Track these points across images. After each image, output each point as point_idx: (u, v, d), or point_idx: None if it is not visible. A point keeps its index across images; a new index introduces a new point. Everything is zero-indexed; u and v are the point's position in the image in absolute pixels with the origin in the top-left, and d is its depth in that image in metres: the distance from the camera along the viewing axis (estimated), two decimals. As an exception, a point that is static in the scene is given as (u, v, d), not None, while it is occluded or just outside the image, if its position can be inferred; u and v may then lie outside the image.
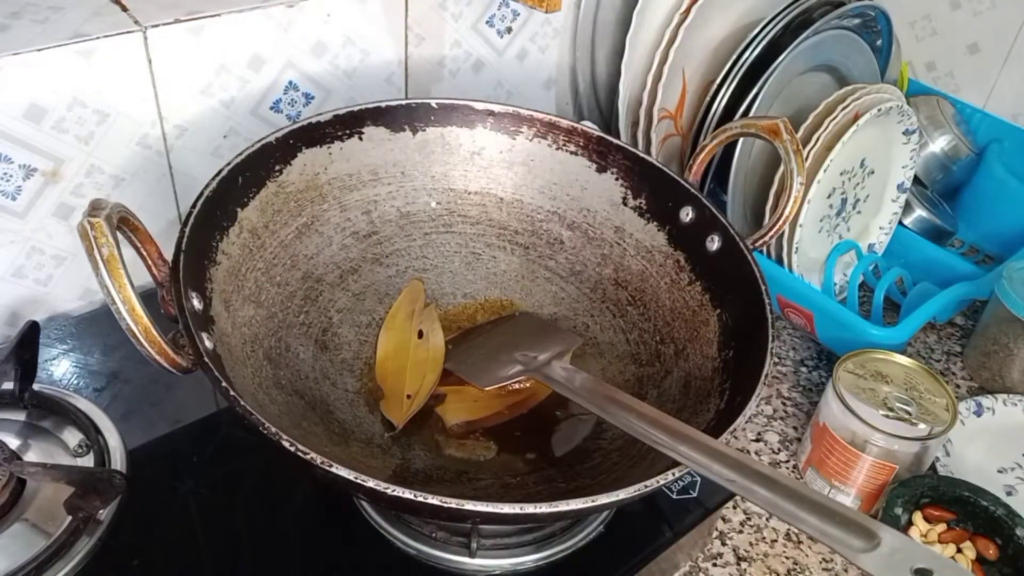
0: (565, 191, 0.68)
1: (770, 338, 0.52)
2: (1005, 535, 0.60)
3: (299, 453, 0.40)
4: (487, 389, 0.58)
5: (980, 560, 0.61)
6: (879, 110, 0.77)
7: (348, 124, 0.63)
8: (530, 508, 0.41)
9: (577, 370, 0.57)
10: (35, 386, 0.57)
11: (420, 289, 0.65)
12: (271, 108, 0.71)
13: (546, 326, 0.65)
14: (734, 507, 0.65)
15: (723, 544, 0.63)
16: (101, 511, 0.51)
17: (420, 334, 0.62)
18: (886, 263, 0.87)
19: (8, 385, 0.56)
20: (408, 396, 0.58)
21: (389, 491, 0.40)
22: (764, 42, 0.78)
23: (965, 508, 0.62)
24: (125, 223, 0.47)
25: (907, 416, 0.63)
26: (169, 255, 0.49)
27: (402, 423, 0.56)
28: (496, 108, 0.66)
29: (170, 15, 0.63)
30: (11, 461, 0.51)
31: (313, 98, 0.74)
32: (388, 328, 0.63)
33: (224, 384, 0.43)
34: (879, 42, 0.91)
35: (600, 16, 0.88)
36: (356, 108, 0.63)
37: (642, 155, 0.65)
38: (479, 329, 0.66)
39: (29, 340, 0.56)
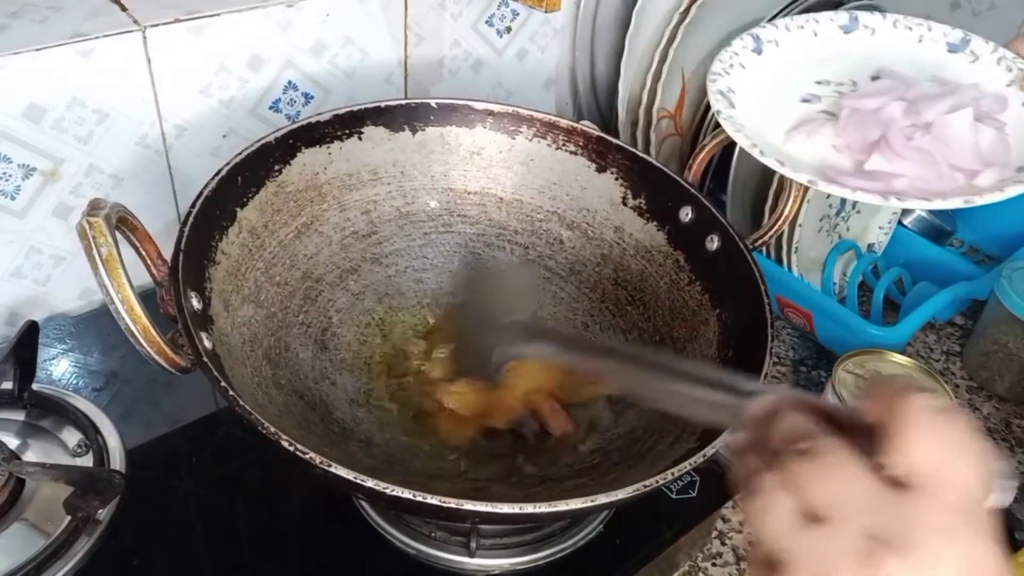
0: (565, 191, 0.68)
1: (769, 338, 0.52)
2: (1004, 537, 0.60)
3: (298, 453, 0.40)
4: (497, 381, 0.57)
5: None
6: (879, 110, 0.77)
7: (347, 124, 0.63)
8: (529, 508, 0.41)
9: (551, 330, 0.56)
10: (34, 386, 0.57)
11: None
12: (270, 108, 0.71)
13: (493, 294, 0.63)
14: (733, 507, 0.65)
15: (722, 544, 0.63)
16: (100, 511, 0.51)
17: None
18: (885, 263, 0.87)
19: (7, 385, 0.56)
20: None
21: (388, 491, 0.40)
22: (764, 42, 0.78)
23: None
24: (124, 223, 0.47)
25: (906, 416, 0.63)
26: (168, 255, 0.49)
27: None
28: (496, 108, 0.66)
29: (169, 14, 0.62)
30: (10, 461, 0.51)
31: (312, 98, 0.74)
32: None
33: (223, 384, 0.43)
34: (879, 42, 0.91)
35: (600, 15, 0.88)
36: (356, 108, 0.63)
37: (642, 155, 0.65)
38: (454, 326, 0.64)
39: (28, 340, 0.56)
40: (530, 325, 0.56)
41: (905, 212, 0.91)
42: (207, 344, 0.47)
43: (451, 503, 0.40)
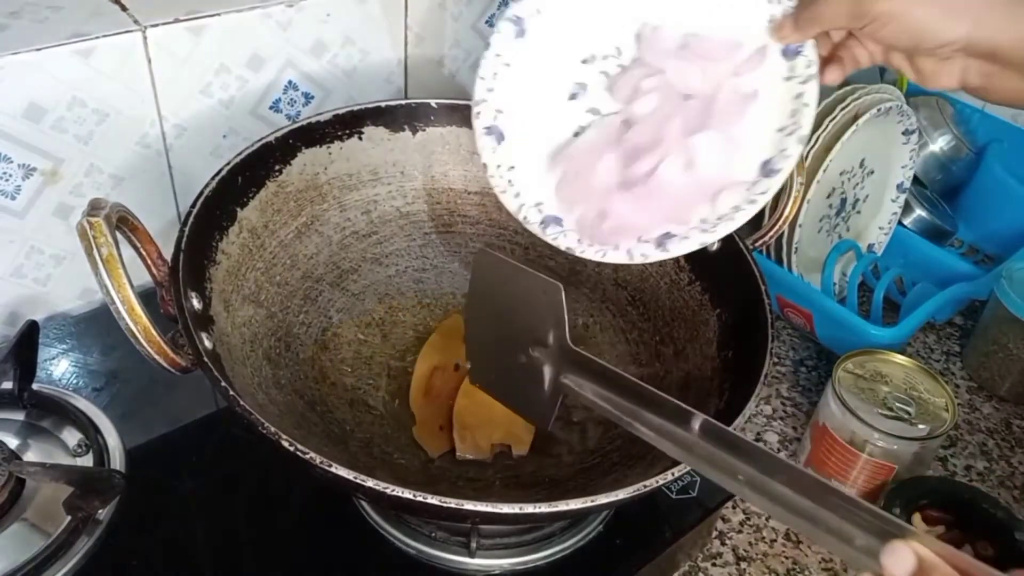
0: (565, 191, 0.67)
1: (769, 338, 0.52)
2: (1004, 538, 0.60)
3: (298, 453, 0.40)
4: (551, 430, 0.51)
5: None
6: (879, 110, 0.77)
7: (348, 124, 0.63)
8: (529, 508, 0.41)
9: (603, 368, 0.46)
10: (34, 386, 0.57)
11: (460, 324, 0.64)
12: (270, 108, 0.71)
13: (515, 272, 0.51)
14: (733, 507, 0.65)
15: (722, 544, 0.63)
16: (100, 511, 0.51)
17: (456, 367, 0.61)
18: (885, 263, 0.87)
19: (7, 385, 0.56)
20: (440, 428, 0.57)
21: (389, 491, 0.40)
22: (764, 42, 0.78)
23: (964, 510, 0.62)
24: (124, 223, 0.47)
25: (906, 416, 0.63)
26: (168, 255, 0.49)
27: (437, 454, 0.56)
28: (496, 108, 0.66)
29: (170, 14, 0.62)
30: (10, 461, 0.51)
31: (313, 98, 0.74)
32: (426, 356, 0.62)
33: (223, 384, 0.43)
34: (879, 42, 0.91)
35: (600, 16, 0.88)
36: (356, 108, 0.63)
37: (642, 155, 0.65)
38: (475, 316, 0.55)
39: (28, 340, 0.56)
40: (575, 353, 0.46)
41: (905, 212, 0.91)
42: (207, 344, 0.47)
43: (451, 503, 0.40)
